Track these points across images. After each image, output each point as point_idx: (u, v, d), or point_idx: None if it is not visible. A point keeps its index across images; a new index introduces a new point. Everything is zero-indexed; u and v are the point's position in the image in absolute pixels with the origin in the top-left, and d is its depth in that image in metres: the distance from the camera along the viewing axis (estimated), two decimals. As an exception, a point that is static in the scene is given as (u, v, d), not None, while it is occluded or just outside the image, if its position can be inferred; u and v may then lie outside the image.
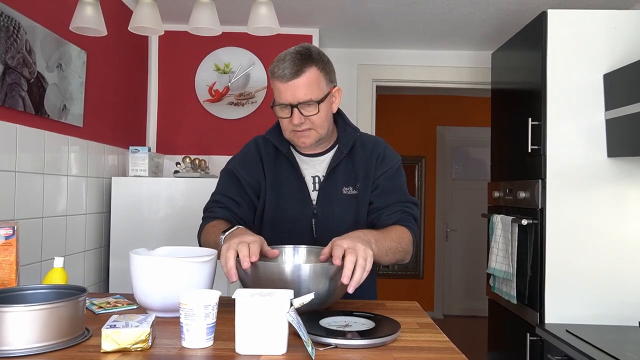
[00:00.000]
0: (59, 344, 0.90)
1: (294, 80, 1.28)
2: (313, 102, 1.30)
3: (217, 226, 1.34)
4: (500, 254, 2.41)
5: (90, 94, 2.23)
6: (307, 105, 1.30)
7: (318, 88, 1.31)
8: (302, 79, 1.28)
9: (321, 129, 1.35)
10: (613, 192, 2.10)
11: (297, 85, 1.28)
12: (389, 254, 1.28)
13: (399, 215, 1.38)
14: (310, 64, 1.30)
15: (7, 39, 1.62)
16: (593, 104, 2.11)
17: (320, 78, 1.32)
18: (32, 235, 1.81)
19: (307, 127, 1.33)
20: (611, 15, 2.13)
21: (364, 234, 1.20)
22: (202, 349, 0.92)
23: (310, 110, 1.31)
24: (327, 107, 1.35)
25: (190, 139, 3.03)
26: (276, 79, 1.30)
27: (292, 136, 1.36)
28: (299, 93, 1.29)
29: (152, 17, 1.59)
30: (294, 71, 1.27)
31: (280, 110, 1.33)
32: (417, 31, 3.08)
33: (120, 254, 2.37)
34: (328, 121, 1.37)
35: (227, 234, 1.21)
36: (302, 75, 1.28)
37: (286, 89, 1.29)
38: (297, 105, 1.29)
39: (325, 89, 1.33)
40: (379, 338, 0.96)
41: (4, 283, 1.16)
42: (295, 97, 1.29)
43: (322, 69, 1.32)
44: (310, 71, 1.29)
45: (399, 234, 1.33)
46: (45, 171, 1.89)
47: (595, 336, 1.88)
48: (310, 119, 1.32)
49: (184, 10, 2.69)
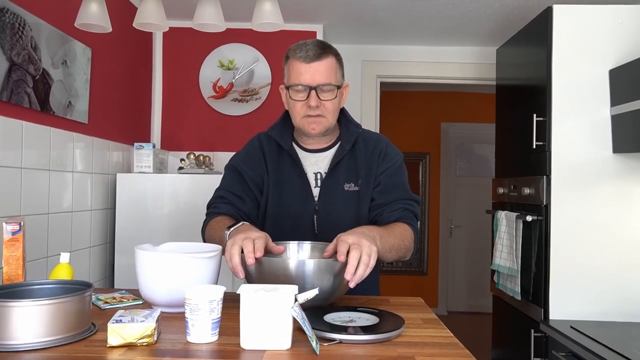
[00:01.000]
0: (66, 338, 0.91)
1: (316, 62, 1.31)
2: (332, 85, 1.33)
3: (221, 222, 1.34)
4: (505, 250, 2.40)
5: (95, 91, 2.23)
6: (325, 90, 1.33)
7: (335, 75, 1.35)
8: (325, 63, 1.32)
9: (332, 118, 1.37)
10: (618, 188, 2.09)
11: (319, 68, 1.31)
12: (392, 251, 1.28)
13: (401, 213, 1.38)
14: (330, 52, 1.34)
15: (12, 36, 1.63)
16: (598, 99, 2.10)
17: (337, 68, 1.36)
18: (38, 231, 1.83)
19: (320, 112, 1.34)
20: (617, 10, 2.11)
21: (369, 230, 1.20)
22: (207, 344, 0.92)
23: (328, 95, 1.33)
24: (339, 98, 1.38)
25: (195, 135, 3.03)
26: (297, 59, 1.32)
27: (303, 122, 1.37)
28: (320, 75, 1.31)
29: (157, 13, 1.59)
30: (317, 54, 1.31)
31: (296, 93, 1.34)
32: (422, 27, 3.07)
33: (125, 250, 2.39)
34: (337, 112, 1.40)
35: (232, 230, 1.21)
36: (325, 59, 1.32)
37: (307, 70, 1.31)
38: (316, 87, 1.31)
39: (340, 80, 1.37)
40: (383, 333, 0.96)
41: (11, 278, 1.16)
42: (314, 79, 1.31)
43: (338, 61, 1.37)
44: (331, 58, 1.34)
45: (401, 231, 1.34)
46: (51, 167, 1.90)
47: (600, 332, 1.88)
48: (325, 104, 1.34)
49: (188, 6, 2.69)
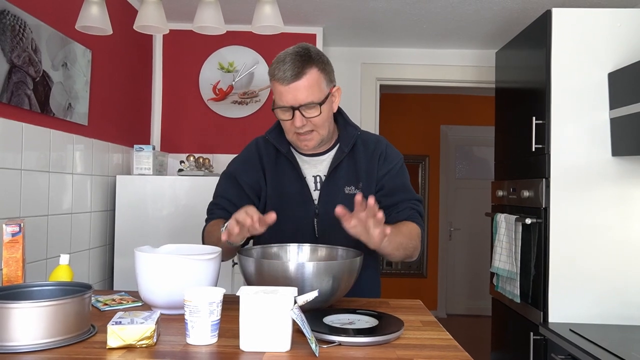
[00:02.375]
0: (65, 340, 0.91)
1: (295, 82, 1.26)
2: (314, 104, 1.28)
3: (217, 223, 1.35)
4: (504, 253, 2.41)
5: (95, 93, 2.24)
6: (308, 108, 1.28)
7: (319, 89, 1.29)
8: (303, 81, 1.26)
9: (322, 130, 1.34)
10: (617, 191, 2.10)
11: (298, 88, 1.26)
12: (400, 249, 1.29)
13: (408, 212, 1.39)
14: (310, 65, 1.27)
15: (13, 38, 1.63)
16: (597, 102, 2.11)
17: (321, 79, 1.29)
18: (37, 233, 1.82)
19: (309, 129, 1.32)
20: (616, 13, 2.12)
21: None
22: (206, 346, 0.93)
23: (312, 112, 1.29)
24: (328, 108, 1.33)
25: (194, 137, 3.04)
26: (276, 81, 1.27)
27: (295, 139, 1.35)
28: (300, 95, 1.26)
29: (157, 16, 1.60)
30: (295, 73, 1.25)
31: (282, 113, 1.31)
32: (421, 30, 3.08)
33: (125, 252, 2.39)
34: (329, 122, 1.36)
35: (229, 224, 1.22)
36: (303, 77, 1.26)
37: (287, 91, 1.27)
38: (299, 107, 1.27)
39: (325, 90, 1.31)
40: (383, 336, 0.96)
41: (10, 280, 1.17)
42: (296, 99, 1.27)
43: (322, 70, 1.30)
44: (311, 73, 1.27)
45: (409, 229, 1.35)
46: (51, 169, 1.90)
47: (599, 335, 1.88)
48: (312, 120, 1.30)
49: (188, 9, 2.70)
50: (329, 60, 1.35)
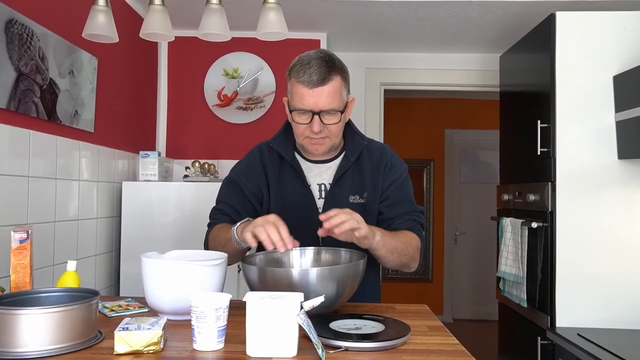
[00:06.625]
0: (73, 346, 0.91)
1: (320, 87, 1.25)
2: (335, 111, 1.28)
3: (223, 227, 1.34)
4: (510, 257, 2.39)
5: (101, 100, 2.25)
6: (328, 114, 1.28)
7: (340, 97, 1.29)
8: (328, 87, 1.26)
9: (336, 138, 1.35)
10: (624, 194, 2.09)
11: (322, 93, 1.26)
12: (394, 253, 1.29)
13: (410, 224, 1.39)
14: (335, 73, 1.27)
15: (20, 47, 1.65)
16: (603, 105, 2.10)
17: (342, 87, 1.30)
18: (44, 239, 1.83)
19: (324, 135, 1.32)
20: (620, 16, 2.12)
21: (371, 226, 1.22)
22: (213, 352, 0.93)
23: (332, 119, 1.29)
24: (344, 117, 1.34)
25: (200, 143, 3.05)
26: (300, 83, 1.26)
27: (307, 143, 1.34)
28: (323, 101, 1.26)
29: (163, 23, 1.61)
30: (321, 78, 1.25)
31: (299, 116, 1.30)
32: (425, 34, 3.08)
33: (131, 258, 2.39)
34: (342, 130, 1.37)
35: (239, 225, 1.22)
36: (329, 83, 1.26)
37: (310, 95, 1.26)
38: (319, 112, 1.27)
39: (345, 99, 1.32)
40: (389, 341, 0.96)
41: (18, 286, 1.17)
42: (318, 104, 1.26)
43: (344, 78, 1.31)
44: (336, 80, 1.27)
45: (406, 238, 1.34)
46: (58, 176, 1.92)
47: (607, 340, 1.86)
48: (329, 127, 1.30)
49: (193, 15, 2.71)
50: (348, 70, 1.35)
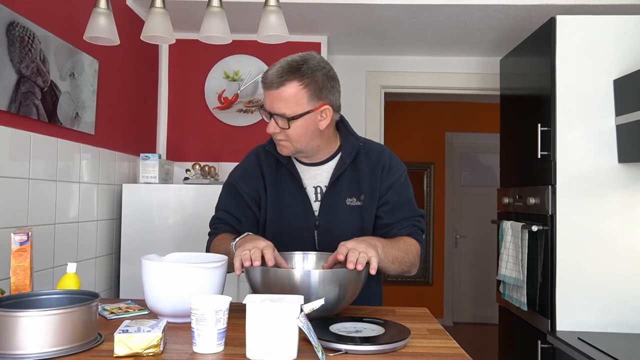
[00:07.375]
0: (73, 348, 0.91)
1: (272, 90, 1.27)
2: (284, 118, 1.27)
3: (224, 238, 1.35)
4: (511, 260, 2.39)
5: (101, 102, 2.26)
6: (281, 119, 1.28)
7: (296, 104, 1.26)
8: (279, 92, 1.26)
9: (297, 144, 1.32)
10: (624, 197, 2.09)
11: (274, 97, 1.27)
12: (395, 262, 1.28)
13: (410, 229, 1.38)
14: (293, 78, 1.25)
15: (21, 49, 1.65)
16: (603, 109, 2.10)
17: (302, 94, 1.26)
18: (44, 242, 1.83)
19: (282, 138, 1.32)
20: (621, 20, 2.12)
21: (370, 239, 1.22)
22: (213, 354, 0.93)
23: (282, 124, 1.28)
24: (305, 124, 1.28)
25: (200, 146, 3.05)
26: (262, 82, 1.31)
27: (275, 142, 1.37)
28: (274, 104, 1.28)
29: (164, 26, 1.61)
30: (274, 82, 1.26)
31: (263, 112, 1.34)
32: (426, 38, 3.09)
33: (131, 260, 2.39)
34: (308, 138, 1.31)
35: (238, 240, 1.22)
36: (281, 87, 1.26)
37: (267, 95, 1.30)
38: (273, 115, 1.29)
39: (306, 106, 1.27)
40: (389, 344, 0.96)
41: (18, 288, 1.17)
42: (272, 106, 1.29)
43: (307, 85, 1.26)
44: (290, 86, 1.25)
45: (407, 245, 1.33)
46: (58, 178, 1.92)
47: (608, 344, 1.86)
48: (287, 132, 1.29)
49: (194, 18, 2.72)
50: (330, 76, 1.30)
